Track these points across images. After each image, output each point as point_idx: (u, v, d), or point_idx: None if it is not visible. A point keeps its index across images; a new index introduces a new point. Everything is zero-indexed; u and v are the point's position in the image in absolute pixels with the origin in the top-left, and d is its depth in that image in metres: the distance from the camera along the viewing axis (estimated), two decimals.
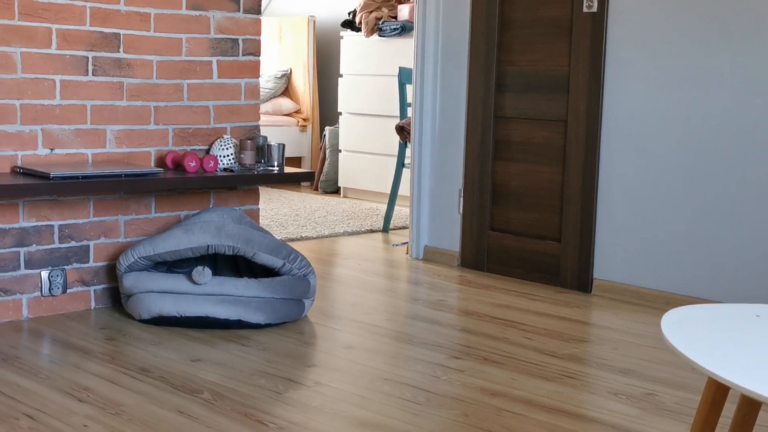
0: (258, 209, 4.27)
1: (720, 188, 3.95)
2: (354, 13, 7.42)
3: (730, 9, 3.87)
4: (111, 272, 3.87)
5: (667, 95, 4.09)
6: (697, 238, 4.02)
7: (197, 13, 3.99)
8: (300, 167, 8.15)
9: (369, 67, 7.17)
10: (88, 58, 3.72)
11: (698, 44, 3.98)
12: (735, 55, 3.88)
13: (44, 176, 3.39)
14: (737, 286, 3.91)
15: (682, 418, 2.79)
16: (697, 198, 4.02)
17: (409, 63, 6.57)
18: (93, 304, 3.85)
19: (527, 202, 4.62)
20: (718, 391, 1.74)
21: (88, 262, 3.81)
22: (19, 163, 3.59)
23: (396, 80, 6.77)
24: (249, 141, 4.00)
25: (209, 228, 3.66)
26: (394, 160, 6.57)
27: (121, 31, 3.80)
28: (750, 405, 1.82)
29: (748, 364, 1.55)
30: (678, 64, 4.05)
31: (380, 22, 7.06)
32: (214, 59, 4.07)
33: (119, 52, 3.80)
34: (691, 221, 4.04)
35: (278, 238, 5.21)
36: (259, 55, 4.21)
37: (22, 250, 3.63)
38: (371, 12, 7.17)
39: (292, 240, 5.48)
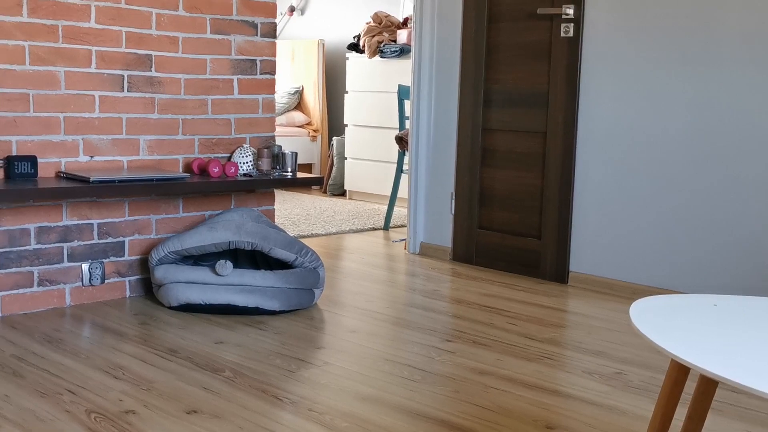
0: (273, 209, 4.27)
1: (679, 192, 3.95)
2: (358, 37, 7.42)
3: (686, 38, 3.87)
4: (143, 265, 3.87)
5: (633, 111, 4.09)
6: (660, 236, 4.02)
7: (220, 37, 3.99)
8: (310, 172, 8.14)
9: (371, 84, 7.16)
10: (123, 76, 3.72)
11: (660, 67, 3.98)
12: (690, 77, 3.87)
13: (85, 180, 3.39)
14: (696, 278, 3.91)
15: (648, 395, 2.79)
16: (660, 200, 4.01)
17: (407, 81, 6.58)
18: (128, 293, 3.85)
19: (511, 204, 4.62)
20: (679, 371, 1.73)
21: (123, 256, 3.81)
22: (62, 169, 3.58)
23: (395, 96, 6.79)
24: (266, 149, 3.99)
25: (230, 226, 3.65)
26: (394, 167, 6.59)
27: (153, 53, 3.79)
28: (708, 383, 1.82)
29: (706, 347, 1.55)
30: (642, 84, 4.04)
31: (381, 45, 7.06)
32: (234, 77, 4.07)
33: (151, 71, 3.80)
34: (654, 221, 4.04)
35: (291, 234, 5.21)
36: (274, 74, 4.20)
37: (66, 246, 3.63)
38: (374, 36, 7.17)
39: (304, 236, 5.48)
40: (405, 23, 7.18)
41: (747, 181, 3.75)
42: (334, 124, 8.35)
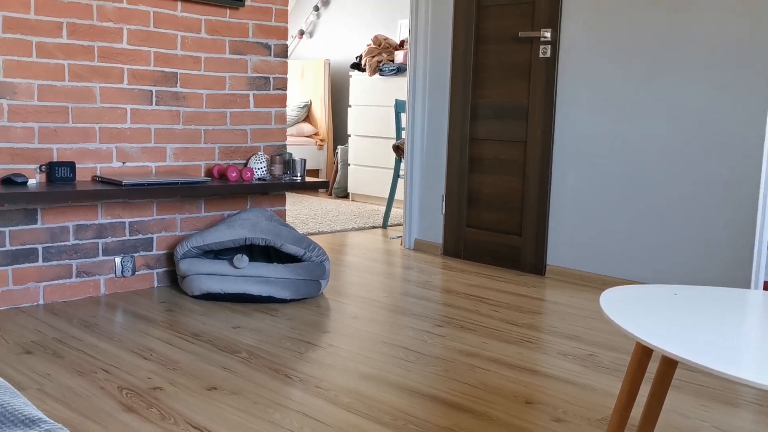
0: (285, 210, 4.26)
1: (644, 194, 3.94)
2: (360, 57, 7.42)
3: (651, 56, 3.87)
4: (169, 258, 3.87)
5: (603, 122, 4.09)
6: (628, 233, 4.02)
7: (238, 57, 3.99)
8: (317, 177, 8.14)
9: (372, 99, 7.16)
10: (152, 91, 3.72)
11: (626, 83, 3.98)
12: (656, 91, 3.87)
13: (118, 184, 3.39)
14: (659, 271, 3.91)
15: (616, 374, 2.80)
16: (627, 202, 4.01)
17: (404, 96, 6.59)
18: (155, 284, 3.85)
19: (495, 205, 4.61)
20: (643, 353, 1.74)
21: (151, 250, 3.81)
22: (98, 174, 3.58)
23: (393, 110, 6.80)
24: (278, 156, 3.99)
25: (246, 224, 3.65)
26: (392, 172, 6.59)
27: (178, 71, 3.79)
28: (668, 363, 1.82)
29: (667, 331, 1.55)
30: (612, 98, 4.04)
31: (381, 65, 7.06)
32: (250, 93, 4.07)
33: (177, 87, 3.80)
34: (622, 220, 4.04)
35: (300, 232, 5.21)
36: (285, 90, 4.20)
37: (100, 241, 3.63)
38: (374, 56, 7.17)
39: (311, 234, 5.48)
40: (401, 45, 7.18)
41: (706, 184, 3.74)
42: (339, 134, 8.36)
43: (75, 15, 3.45)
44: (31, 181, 3.37)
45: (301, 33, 8.76)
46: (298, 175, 4.03)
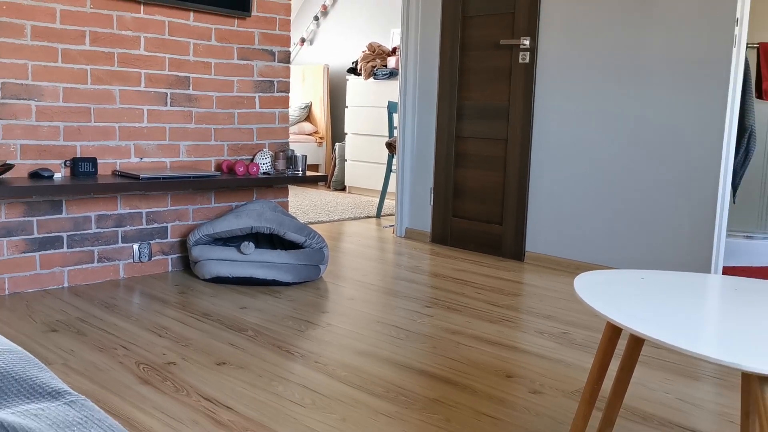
0: (287, 201, 4.26)
1: (614, 187, 3.95)
2: (356, 62, 7.40)
3: (620, 63, 3.87)
4: (183, 245, 3.87)
5: (576, 122, 4.09)
6: (599, 223, 4.02)
7: (245, 62, 3.97)
8: (317, 171, 8.13)
9: (367, 101, 7.15)
10: (167, 93, 3.70)
11: (597, 87, 3.97)
12: (624, 95, 3.87)
13: (135, 177, 3.38)
14: (627, 257, 3.92)
15: (588, 350, 2.81)
16: (599, 194, 4.02)
17: (395, 98, 6.57)
18: (170, 268, 3.84)
19: (478, 197, 4.61)
20: (613, 331, 1.74)
21: (166, 238, 3.80)
22: (117, 168, 3.57)
23: (386, 110, 6.78)
24: (281, 153, 3.98)
25: (253, 214, 3.65)
26: (385, 167, 6.58)
27: (191, 75, 3.78)
28: (636, 341, 1.82)
29: (634, 312, 1.55)
30: (585, 100, 4.04)
31: (375, 69, 7.05)
32: (256, 95, 4.06)
33: (189, 89, 3.78)
34: (595, 210, 4.04)
35: (302, 221, 5.20)
36: (288, 92, 4.19)
37: (120, 230, 3.62)
38: (368, 62, 7.15)
39: (312, 223, 5.47)
40: (394, 51, 7.16)
41: (670, 178, 3.75)
42: (337, 133, 8.34)
43: (97, 24, 3.43)
44: (57, 175, 3.36)
45: (303, 40, 8.74)
46: (300, 169, 4.02)
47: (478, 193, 4.61)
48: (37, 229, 3.38)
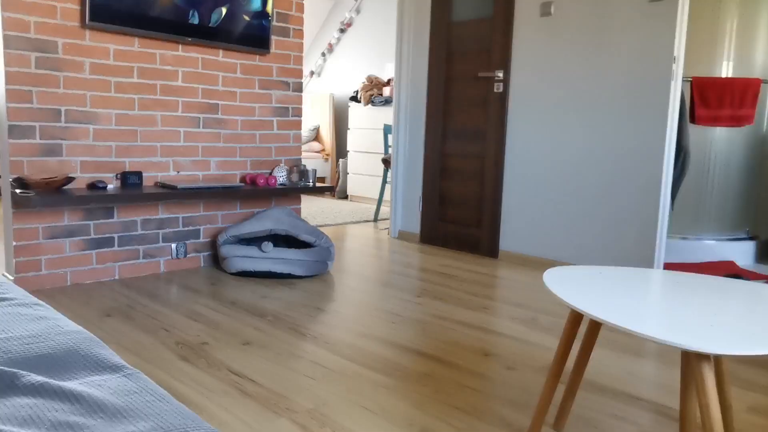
0: (300, 208, 4.27)
1: (575, 196, 3.96)
2: (357, 91, 7.40)
3: (579, 92, 3.88)
4: (212, 245, 3.86)
5: (542, 141, 4.10)
6: (562, 225, 4.03)
7: (264, 91, 3.98)
8: (324, 183, 8.12)
9: (366, 124, 7.15)
10: (200, 118, 3.71)
11: (561, 113, 3.98)
12: (582, 118, 3.88)
13: (174, 188, 3.38)
14: (587, 254, 3.92)
15: (554, 334, 2.81)
16: (561, 201, 4.02)
17: (390, 121, 6.57)
18: (202, 264, 3.84)
19: (460, 204, 4.61)
20: (576, 316, 1.74)
21: (199, 238, 3.80)
22: (159, 180, 3.57)
23: (382, 131, 6.78)
24: (295, 167, 3.98)
25: (271, 219, 3.65)
26: (381, 179, 6.57)
27: (219, 102, 3.78)
28: (595, 325, 1.83)
29: (593, 300, 1.56)
30: (549, 123, 4.05)
31: (372, 97, 7.05)
32: (274, 119, 4.06)
33: (218, 114, 3.78)
34: (559, 216, 4.05)
35: (312, 224, 5.20)
36: (300, 117, 4.19)
37: (161, 231, 3.62)
38: (367, 91, 7.16)
39: (321, 226, 5.47)
40: (388, 82, 7.17)
41: (620, 191, 3.76)
42: (341, 150, 8.34)
43: (143, 61, 3.43)
44: (110, 186, 3.36)
45: (312, 73, 8.74)
46: (310, 181, 4.03)
47: (460, 200, 4.62)
48: (94, 231, 3.38)
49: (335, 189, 7.66)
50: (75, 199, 3.02)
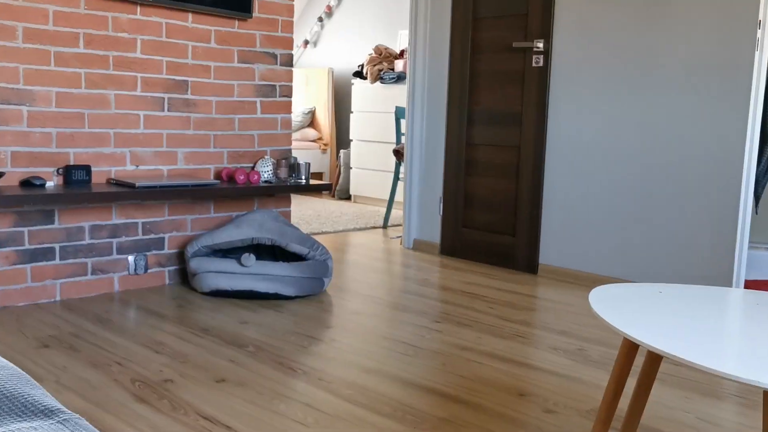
0: (290, 211, 4.27)
1: (630, 196, 3.95)
2: (362, 66, 7.41)
3: (634, 67, 3.87)
4: (180, 257, 3.87)
5: (591, 128, 4.09)
6: (616, 233, 4.02)
7: (245, 65, 3.99)
8: (321, 180, 8.14)
9: (373, 106, 7.17)
10: (164, 98, 3.72)
11: (615, 93, 3.98)
12: (641, 100, 3.87)
13: (131, 186, 3.39)
14: (645, 269, 3.91)
15: (604, 368, 2.80)
16: (615, 203, 4.01)
17: (403, 103, 6.59)
18: (167, 281, 3.85)
19: (490, 206, 4.61)
20: (630, 347, 1.73)
21: (163, 249, 3.81)
22: (112, 176, 3.58)
23: (393, 116, 6.79)
24: (283, 160, 3.99)
25: (254, 225, 3.66)
26: (392, 175, 6.58)
27: (189, 79, 3.79)
28: (654, 358, 1.82)
29: (652, 327, 1.55)
30: (600, 106, 4.04)
31: (381, 73, 7.06)
32: (258, 100, 4.07)
33: (187, 94, 3.80)
34: (611, 220, 4.04)
35: (305, 232, 5.20)
36: (291, 97, 4.20)
37: (114, 241, 3.63)
38: (375, 65, 7.17)
39: (315, 233, 5.47)
40: (401, 54, 7.18)
41: (688, 189, 3.74)
42: (341, 139, 8.36)
43: (91, 26, 3.45)
44: (49, 184, 3.37)
45: (306, 43, 8.76)
46: (303, 177, 4.03)
47: (490, 202, 4.61)
48: (29, 240, 3.39)
49: (335, 188, 7.67)
50: (3, 200, 3.03)
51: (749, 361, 1.36)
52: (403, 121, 6.18)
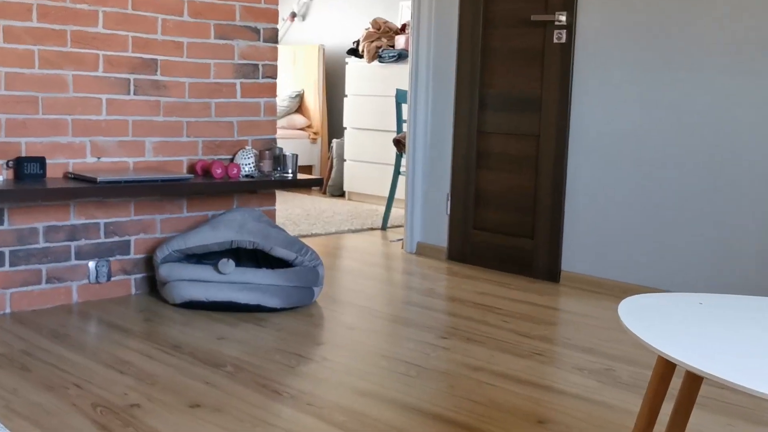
0: (274, 210, 4.27)
1: (666, 192, 3.95)
2: (358, 42, 7.41)
3: (671, 43, 3.87)
4: (148, 263, 3.87)
5: (622, 114, 4.09)
6: (649, 236, 4.02)
7: (223, 41, 3.99)
8: (311, 174, 8.13)
9: (370, 88, 7.16)
10: (129, 80, 3.72)
11: (647, 72, 3.97)
12: (675, 81, 3.87)
13: (92, 181, 3.39)
14: (683, 277, 3.91)
15: (636, 390, 2.80)
16: (648, 201, 4.01)
17: (405, 85, 6.58)
18: (133, 290, 3.85)
19: (504, 205, 4.62)
20: (666, 367, 1.74)
21: (129, 254, 3.81)
22: (70, 170, 3.58)
23: (393, 100, 6.78)
24: (267, 151, 3.99)
25: (233, 225, 3.65)
26: (392, 169, 6.57)
27: (159, 57, 3.79)
28: (693, 379, 1.82)
29: (692, 344, 1.55)
30: (631, 88, 4.04)
31: (380, 50, 7.06)
32: (237, 81, 4.07)
33: (156, 74, 3.80)
34: (643, 221, 4.04)
35: (292, 234, 5.20)
36: (276, 78, 4.21)
37: (73, 244, 3.63)
38: (372, 41, 7.17)
39: (304, 236, 5.47)
40: (403, 29, 7.18)
41: (731, 182, 3.75)
42: (334, 127, 8.35)
43: None
44: None
45: (293, 15, 8.76)
46: (290, 171, 4.02)
47: (505, 200, 4.61)
48: None
49: (326, 183, 7.66)
50: None
51: None
52: (405, 106, 6.17)
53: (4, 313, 3.46)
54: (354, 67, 7.31)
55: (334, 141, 7.67)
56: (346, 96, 7.41)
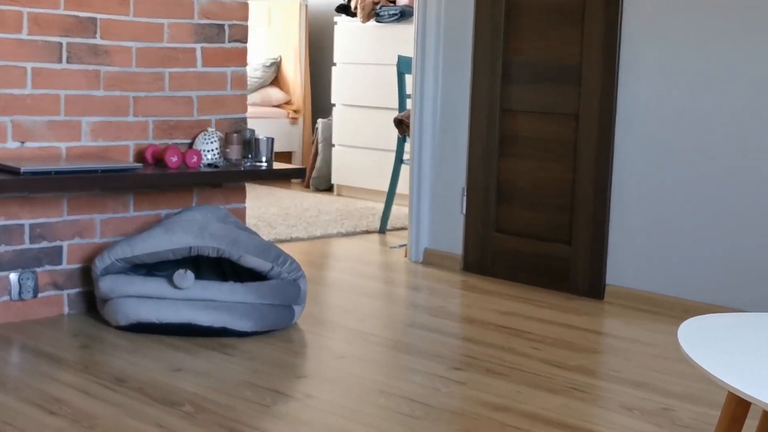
0: (244, 208, 4.31)
1: (742, 188, 3.95)
2: None
3: (749, 5, 3.87)
4: (86, 275, 3.88)
5: (685, 88, 4.10)
6: (718, 241, 4.03)
7: None
8: (290, 163, 8.18)
9: (365, 55, 7.22)
10: (61, 44, 3.73)
11: (717, 34, 3.99)
12: (756, 47, 3.87)
13: (14, 171, 3.40)
14: (760, 294, 3.91)
15: None
16: (718, 198, 4.02)
17: (409, 51, 6.56)
18: (66, 310, 3.86)
19: (535, 202, 4.64)
20: (738, 406, 1.78)
21: (61, 264, 3.82)
22: None
23: (394, 69, 6.76)
24: (235, 134, 4.01)
25: (192, 228, 3.67)
26: (392, 156, 6.57)
27: (98, 16, 3.80)
28: None
29: None
30: (696, 55, 4.06)
31: (377, 7, 7.09)
32: (198, 46, 4.08)
33: (95, 37, 3.80)
34: (711, 223, 4.05)
35: (266, 239, 5.20)
36: (246, 42, 4.23)
37: None
38: None
39: (282, 241, 5.49)
40: None
41: None
42: (319, 104, 8.39)
43: None
44: None
45: None
46: (264, 159, 4.04)
47: (535, 195, 4.64)
48: None
49: (309, 174, 7.69)
50: None
51: None
52: (408, 78, 6.18)
53: None
54: (344, 29, 7.36)
55: (320, 121, 7.71)
56: (334, 64, 7.46)
